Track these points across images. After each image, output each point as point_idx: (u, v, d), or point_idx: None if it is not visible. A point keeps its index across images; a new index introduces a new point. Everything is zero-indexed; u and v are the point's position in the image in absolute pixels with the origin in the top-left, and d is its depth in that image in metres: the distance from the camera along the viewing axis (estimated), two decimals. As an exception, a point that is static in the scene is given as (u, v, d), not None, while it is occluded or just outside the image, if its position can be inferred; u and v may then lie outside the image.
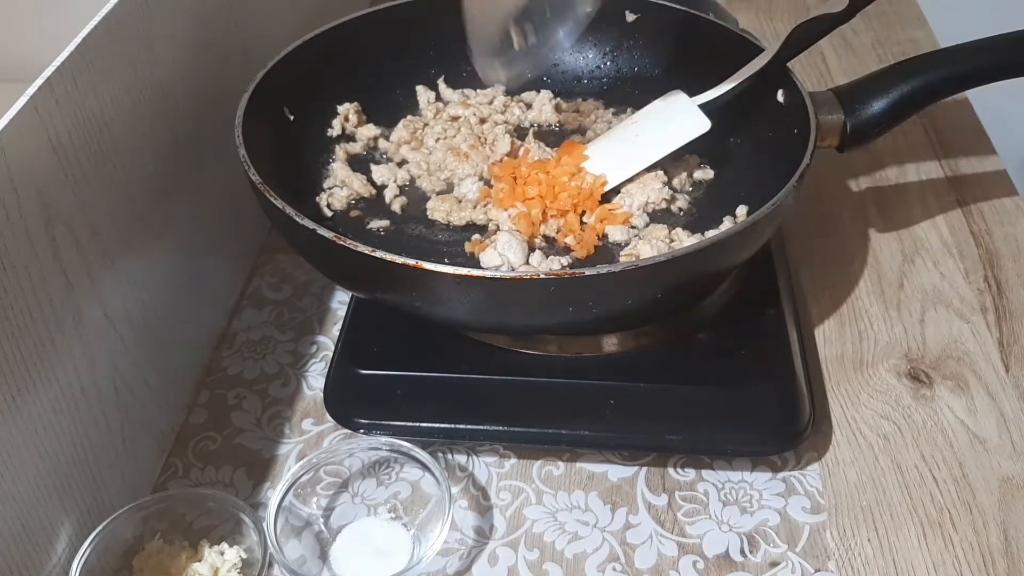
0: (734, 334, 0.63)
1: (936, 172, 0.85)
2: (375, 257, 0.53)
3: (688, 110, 0.68)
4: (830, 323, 0.71)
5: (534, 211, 0.65)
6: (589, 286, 0.52)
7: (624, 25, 0.78)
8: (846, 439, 0.63)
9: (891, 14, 1.06)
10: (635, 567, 0.56)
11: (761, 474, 0.61)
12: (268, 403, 0.67)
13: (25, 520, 0.48)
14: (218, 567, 0.54)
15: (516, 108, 0.77)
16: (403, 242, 0.66)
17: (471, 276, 0.52)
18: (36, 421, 0.49)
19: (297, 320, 0.73)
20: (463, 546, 0.58)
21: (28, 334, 0.47)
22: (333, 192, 0.69)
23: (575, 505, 0.60)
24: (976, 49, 0.67)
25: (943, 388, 0.66)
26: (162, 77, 0.60)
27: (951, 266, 0.75)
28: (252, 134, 0.62)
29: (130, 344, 0.58)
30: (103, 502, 0.55)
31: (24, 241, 0.46)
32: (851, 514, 0.58)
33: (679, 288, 0.57)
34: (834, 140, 0.67)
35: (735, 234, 0.55)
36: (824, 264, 0.76)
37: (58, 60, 0.49)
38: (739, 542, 0.57)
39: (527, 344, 0.62)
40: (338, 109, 0.74)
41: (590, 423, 0.60)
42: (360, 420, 0.62)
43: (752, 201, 0.66)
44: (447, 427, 0.61)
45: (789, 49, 0.66)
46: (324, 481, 0.60)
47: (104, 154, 0.53)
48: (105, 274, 0.54)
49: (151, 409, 0.61)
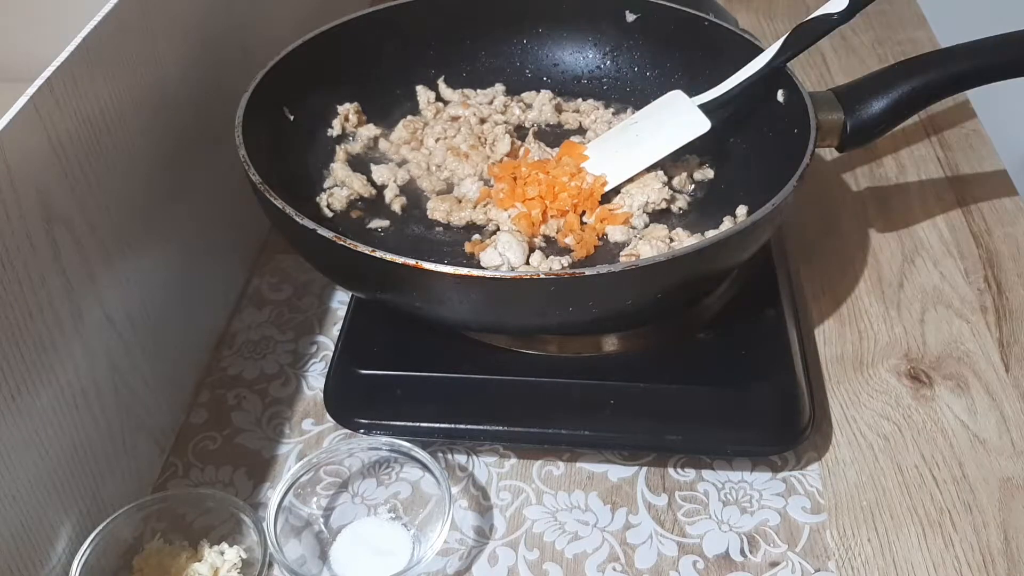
0: (734, 334, 0.63)
1: (936, 172, 0.85)
2: (375, 257, 0.53)
3: (688, 110, 0.68)
4: (830, 323, 0.71)
5: (534, 211, 0.65)
6: (589, 286, 0.52)
7: (624, 25, 0.78)
8: (846, 439, 0.63)
9: (891, 14, 1.06)
10: (635, 567, 0.56)
11: (761, 474, 0.61)
12: (268, 403, 0.67)
13: (25, 520, 0.48)
14: (218, 567, 0.54)
15: (516, 108, 0.77)
16: (403, 242, 0.66)
17: (471, 276, 0.52)
18: (36, 421, 0.49)
19: (297, 320, 0.73)
20: (463, 546, 0.58)
21: (28, 334, 0.47)
22: (333, 192, 0.69)
23: (575, 505, 0.60)
24: (976, 49, 0.67)
25: (943, 388, 0.66)
26: (162, 77, 0.60)
27: (951, 266, 0.75)
28: (252, 134, 0.62)
29: (130, 344, 0.58)
30: (103, 502, 0.55)
31: (24, 241, 0.46)
32: (851, 514, 0.58)
33: (679, 288, 0.57)
34: (834, 140, 0.67)
35: (735, 234, 0.55)
36: (824, 264, 0.76)
37: (58, 60, 0.49)
38: (739, 542, 0.57)
39: (527, 344, 0.62)
40: (338, 109, 0.74)
41: (590, 423, 0.60)
42: (360, 420, 0.62)
43: (752, 201, 0.66)
44: (447, 427, 0.60)
45: (789, 49, 0.66)
46: (324, 481, 0.60)
47: (104, 154, 0.53)
48: (105, 274, 0.54)
49: (151, 409, 0.61)
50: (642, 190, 0.67)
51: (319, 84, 0.73)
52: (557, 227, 0.65)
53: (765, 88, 0.68)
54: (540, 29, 0.79)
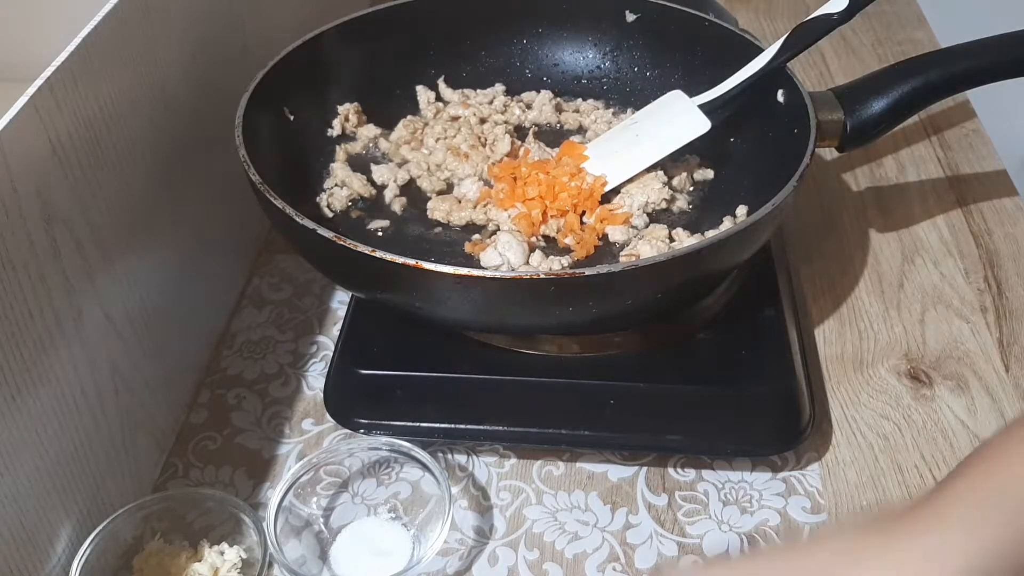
0: (734, 334, 0.63)
1: (936, 172, 0.85)
2: (375, 257, 0.53)
3: (688, 111, 0.68)
4: (830, 323, 0.71)
5: (534, 211, 0.65)
6: (589, 286, 0.52)
7: (624, 25, 0.78)
8: (846, 439, 0.63)
9: (891, 14, 1.06)
10: (635, 567, 0.56)
11: (761, 474, 0.61)
12: (268, 403, 0.67)
13: (25, 520, 0.48)
14: (218, 567, 0.54)
15: (516, 108, 0.77)
16: (403, 242, 0.66)
17: (471, 276, 0.52)
18: (36, 421, 0.49)
19: (297, 320, 0.73)
20: (463, 546, 0.58)
21: (28, 334, 0.47)
22: (333, 192, 0.69)
23: (575, 505, 0.60)
24: (976, 49, 0.67)
25: (943, 388, 0.66)
26: (162, 77, 0.60)
27: (951, 266, 0.75)
28: (252, 134, 0.62)
29: (130, 344, 0.58)
30: (103, 502, 0.55)
31: (24, 241, 0.46)
32: (851, 514, 0.58)
33: (679, 288, 0.57)
34: (834, 140, 0.67)
35: (735, 234, 0.55)
36: (824, 264, 0.76)
37: (58, 60, 0.49)
38: (739, 542, 0.57)
39: (527, 344, 0.62)
40: (338, 109, 0.74)
41: (590, 423, 0.60)
42: (360, 420, 0.62)
43: (752, 201, 0.66)
44: (447, 427, 0.61)
45: (789, 49, 0.66)
46: (324, 481, 0.60)
47: (104, 154, 0.53)
48: (105, 274, 0.54)
49: (151, 409, 0.61)
50: (642, 190, 0.67)
51: (319, 84, 0.73)
52: (557, 227, 0.65)
53: (765, 88, 0.68)
54: (540, 29, 0.79)
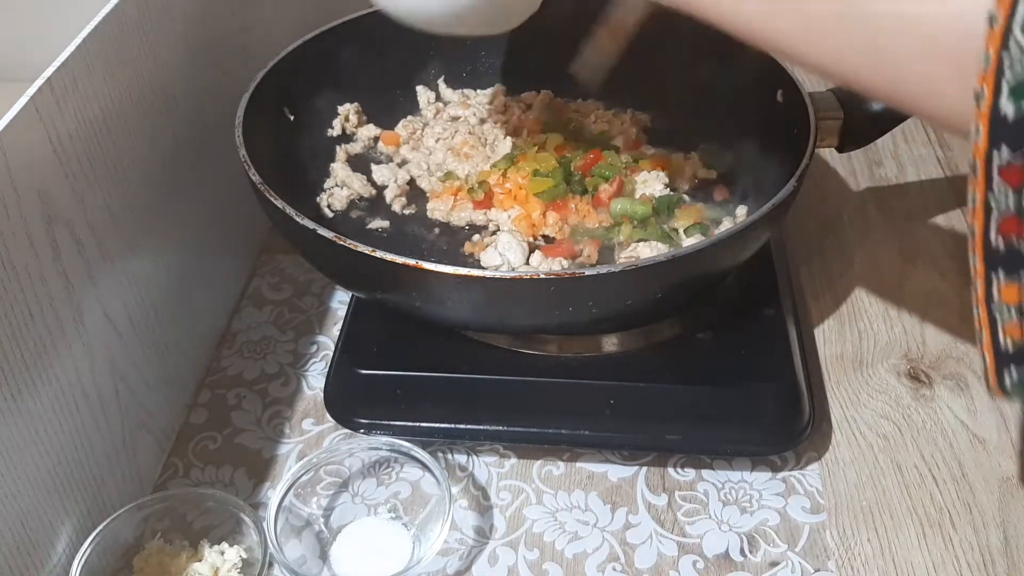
0: (734, 334, 0.63)
1: (936, 172, 0.85)
2: (375, 257, 0.53)
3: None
4: (830, 323, 0.71)
5: (534, 212, 0.65)
6: (589, 286, 0.52)
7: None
8: (846, 439, 0.63)
9: (891, 14, 1.06)
10: (635, 567, 0.56)
11: (761, 474, 0.61)
12: (268, 403, 0.67)
13: (25, 520, 0.48)
14: (218, 567, 0.54)
15: (516, 108, 0.77)
16: (403, 242, 0.66)
17: (471, 276, 0.52)
18: (36, 421, 0.49)
19: (297, 320, 0.73)
20: (463, 546, 0.58)
21: (28, 334, 0.47)
22: (333, 192, 0.69)
23: (575, 505, 0.60)
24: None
25: (943, 388, 0.66)
26: (162, 77, 0.60)
27: (951, 266, 0.75)
28: (252, 134, 0.62)
29: (130, 344, 0.58)
30: (103, 502, 0.55)
31: (24, 241, 0.46)
32: (851, 514, 0.58)
33: (679, 288, 0.57)
34: (834, 140, 0.67)
35: (735, 234, 0.55)
36: (824, 264, 0.76)
37: (58, 60, 0.49)
38: (739, 542, 0.57)
39: (527, 344, 0.62)
40: (338, 109, 0.74)
41: (590, 423, 0.60)
42: (360, 420, 0.62)
43: (752, 201, 0.66)
44: (447, 427, 0.61)
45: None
46: (324, 481, 0.60)
47: (104, 154, 0.53)
48: (105, 274, 0.54)
49: (151, 409, 0.61)
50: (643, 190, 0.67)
51: (319, 84, 0.73)
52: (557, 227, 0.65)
53: (765, 88, 0.68)
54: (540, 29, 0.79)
